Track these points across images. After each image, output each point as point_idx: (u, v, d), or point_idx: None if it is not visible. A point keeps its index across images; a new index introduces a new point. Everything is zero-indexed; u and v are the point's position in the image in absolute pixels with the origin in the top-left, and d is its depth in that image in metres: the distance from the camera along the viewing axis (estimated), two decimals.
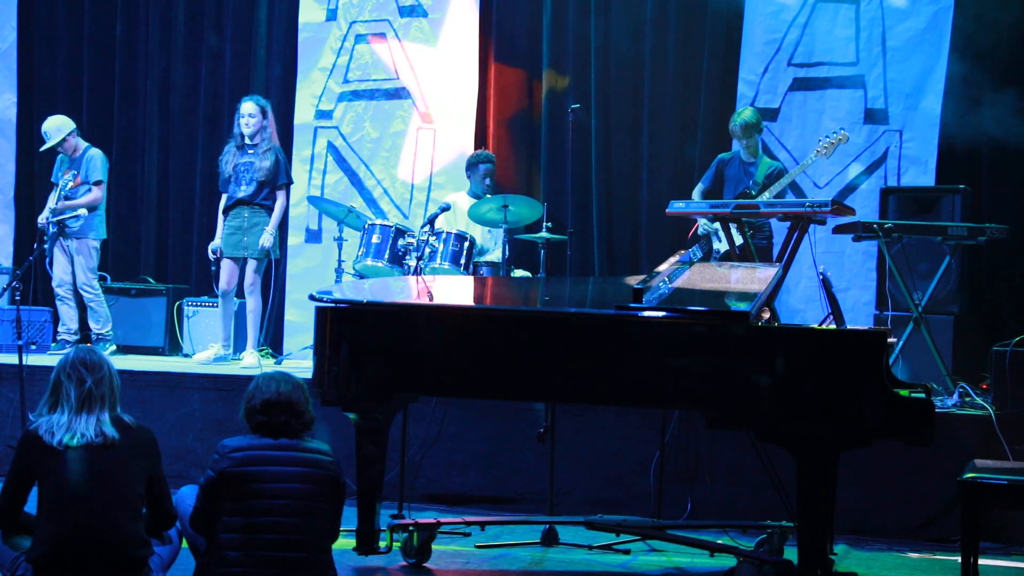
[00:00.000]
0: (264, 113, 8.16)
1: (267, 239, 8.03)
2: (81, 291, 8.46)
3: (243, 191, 8.06)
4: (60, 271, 8.46)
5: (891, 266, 7.00)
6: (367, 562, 5.19)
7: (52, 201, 8.49)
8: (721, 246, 7.23)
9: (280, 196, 8.14)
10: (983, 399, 6.29)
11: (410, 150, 9.23)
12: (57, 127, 8.49)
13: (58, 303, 8.51)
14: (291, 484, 4.00)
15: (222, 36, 9.93)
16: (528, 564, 5.43)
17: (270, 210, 8.12)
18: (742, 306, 4.72)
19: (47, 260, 8.44)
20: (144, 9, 10.07)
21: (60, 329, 8.54)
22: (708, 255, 7.64)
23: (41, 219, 8.33)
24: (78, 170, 8.43)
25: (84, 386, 4.01)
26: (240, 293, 8.28)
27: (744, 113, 7.78)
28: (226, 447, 4.05)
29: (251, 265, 8.10)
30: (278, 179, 8.12)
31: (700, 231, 7.73)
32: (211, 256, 8.29)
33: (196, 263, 9.81)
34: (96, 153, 8.56)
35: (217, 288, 8.29)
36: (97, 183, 8.41)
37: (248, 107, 8.16)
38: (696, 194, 7.85)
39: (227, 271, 8.16)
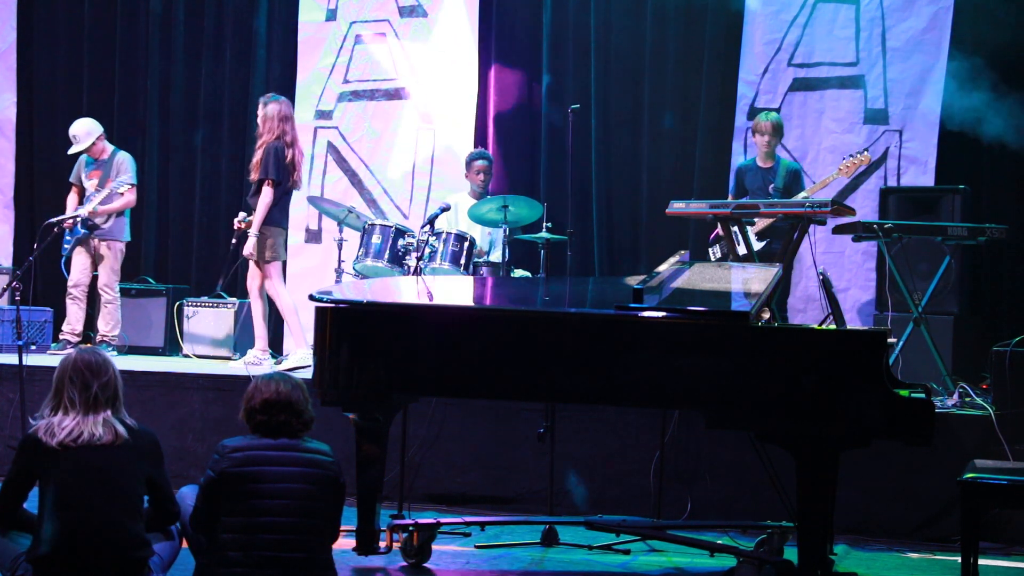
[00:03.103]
0: (262, 110, 7.84)
1: (248, 244, 7.71)
2: (102, 291, 8.43)
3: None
4: (79, 272, 8.44)
5: (891, 266, 7.00)
6: (367, 562, 5.18)
7: (72, 203, 8.47)
8: (740, 248, 7.21)
9: (265, 191, 7.69)
10: (983, 399, 6.29)
11: (410, 150, 9.24)
12: (87, 130, 8.45)
13: (69, 302, 8.46)
14: (291, 484, 4.01)
15: (222, 36, 9.94)
16: (528, 564, 5.43)
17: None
18: (742, 306, 4.72)
19: (63, 260, 8.42)
20: (144, 9, 10.07)
21: (64, 328, 8.50)
22: (727, 257, 7.61)
23: (68, 220, 8.25)
24: (107, 173, 8.43)
25: (89, 391, 4.01)
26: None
27: (773, 114, 7.77)
28: (226, 447, 4.05)
29: (252, 268, 7.94)
30: (261, 175, 7.73)
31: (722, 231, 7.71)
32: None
33: (196, 263, 9.82)
34: (127, 156, 8.56)
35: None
36: (130, 186, 8.39)
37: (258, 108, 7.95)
38: None
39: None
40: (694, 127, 8.72)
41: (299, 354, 7.78)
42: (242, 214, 8.04)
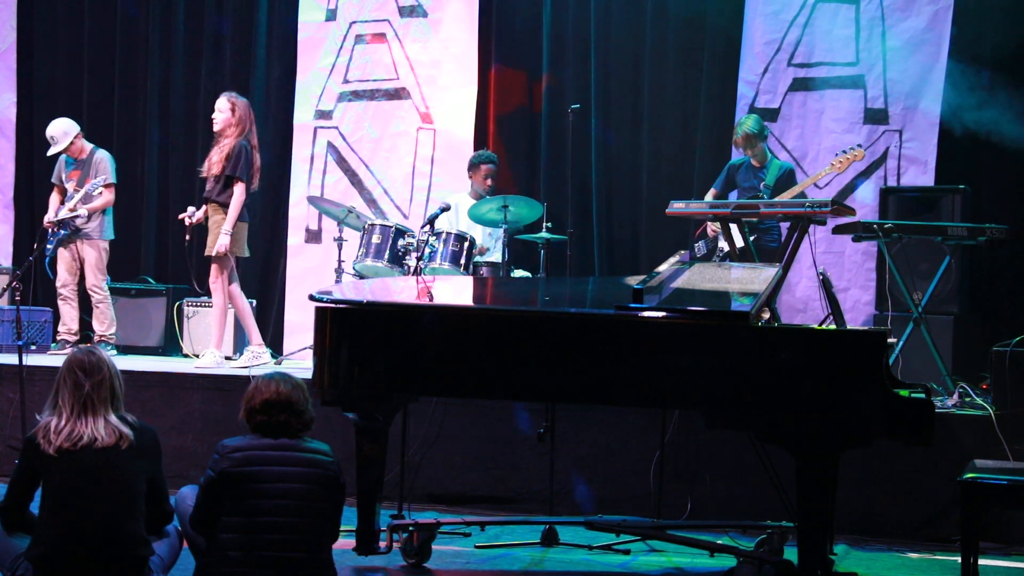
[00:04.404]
0: (233, 108, 7.82)
1: (221, 242, 7.70)
2: (90, 292, 8.43)
3: (207, 188, 7.90)
4: (64, 271, 8.44)
5: (891, 266, 7.00)
6: (367, 562, 5.18)
7: (55, 203, 8.46)
8: (725, 245, 7.24)
9: (237, 190, 7.73)
10: (983, 399, 6.29)
11: (410, 150, 9.24)
12: (64, 130, 8.44)
13: (60, 303, 8.47)
14: (291, 484, 4.01)
15: (222, 36, 9.94)
16: (528, 564, 5.43)
17: (227, 207, 7.77)
18: (742, 306, 4.72)
19: (47, 260, 8.41)
20: (144, 9, 10.07)
21: (60, 329, 8.51)
22: (712, 252, 7.64)
23: (49, 221, 8.28)
24: (86, 172, 8.42)
25: (81, 391, 4.01)
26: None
27: (746, 123, 7.72)
28: (226, 447, 4.05)
29: (213, 264, 7.90)
30: (232, 172, 7.72)
31: (708, 229, 7.73)
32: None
33: (196, 263, 9.81)
34: (105, 155, 8.54)
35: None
36: (108, 185, 8.39)
37: (219, 101, 7.90)
38: (708, 198, 7.84)
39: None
40: (694, 127, 8.71)
41: (215, 354, 7.84)
42: (191, 209, 7.99)
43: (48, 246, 8.34)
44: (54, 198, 8.54)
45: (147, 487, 4.09)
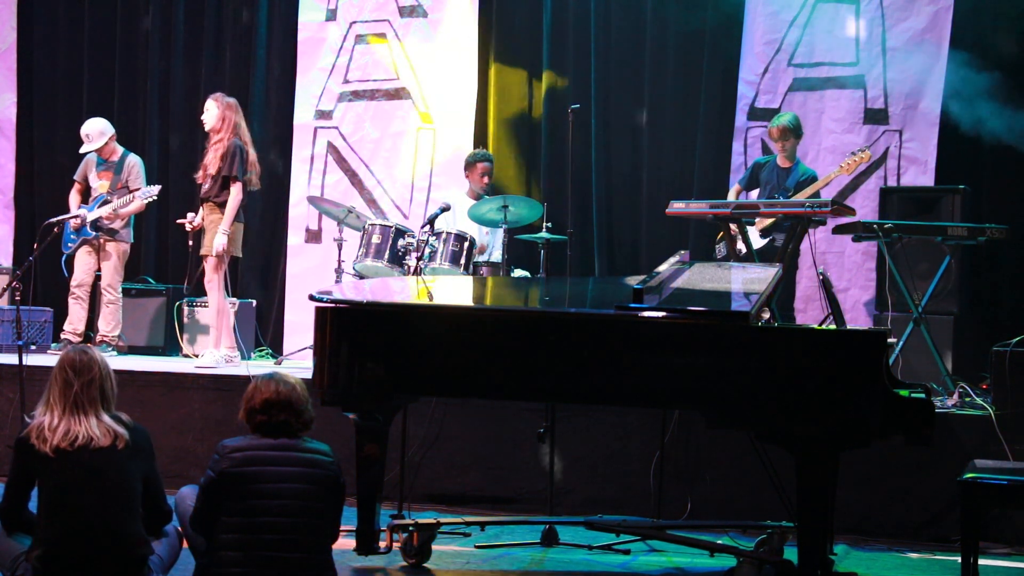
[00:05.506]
0: (220, 106, 7.87)
1: (219, 242, 7.76)
2: (104, 291, 8.44)
3: (204, 188, 7.94)
4: (82, 271, 8.45)
5: (891, 266, 7.00)
6: (367, 562, 5.18)
7: (75, 201, 8.47)
8: (743, 246, 7.21)
9: (234, 190, 7.79)
10: (983, 399, 6.29)
11: (410, 150, 9.24)
12: (100, 130, 8.47)
13: (71, 301, 8.46)
14: (291, 484, 4.01)
15: (222, 36, 9.94)
16: (528, 564, 5.43)
17: (224, 207, 7.83)
18: (742, 306, 4.72)
19: (63, 259, 8.42)
20: (144, 9, 10.08)
21: (66, 328, 8.49)
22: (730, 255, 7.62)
23: (74, 220, 8.27)
24: (117, 174, 8.43)
25: (71, 390, 4.01)
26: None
27: (784, 117, 7.73)
28: (226, 447, 4.05)
29: (208, 263, 7.92)
30: (228, 172, 7.78)
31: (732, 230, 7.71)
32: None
33: (193, 266, 9.81)
34: (137, 159, 8.59)
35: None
36: (139, 189, 8.41)
37: (207, 102, 7.97)
38: (731, 194, 7.86)
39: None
40: (694, 127, 8.72)
41: (215, 354, 7.85)
42: (191, 215, 8.03)
43: (69, 244, 8.36)
44: (74, 196, 8.56)
45: (142, 487, 4.09)
